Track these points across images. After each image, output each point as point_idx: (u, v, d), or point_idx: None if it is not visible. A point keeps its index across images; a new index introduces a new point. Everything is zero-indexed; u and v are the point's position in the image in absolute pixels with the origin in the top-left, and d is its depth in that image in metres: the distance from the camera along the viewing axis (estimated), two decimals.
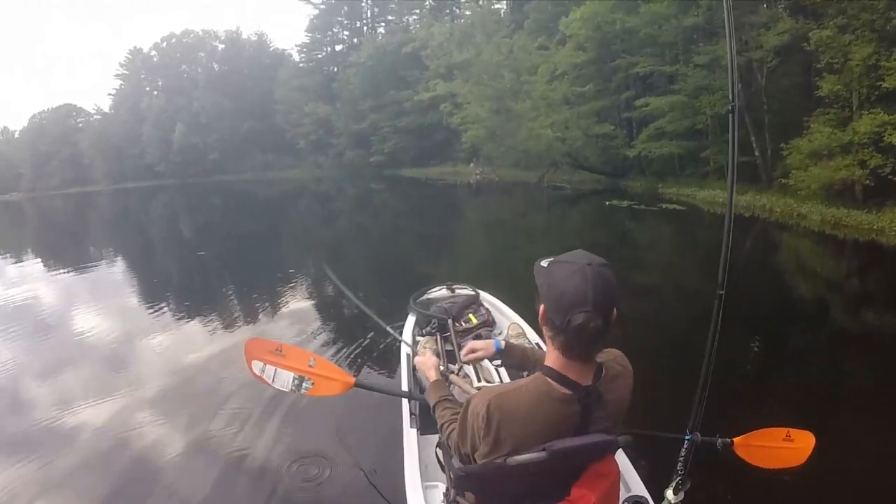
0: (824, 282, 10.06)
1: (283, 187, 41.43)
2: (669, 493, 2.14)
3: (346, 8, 57.53)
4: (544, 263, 1.68)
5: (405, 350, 3.85)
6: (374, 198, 29.56)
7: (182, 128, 59.22)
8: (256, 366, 2.58)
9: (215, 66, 65.48)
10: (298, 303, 8.94)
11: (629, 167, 26.31)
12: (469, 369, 3.09)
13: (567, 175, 27.93)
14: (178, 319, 8.24)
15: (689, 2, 19.81)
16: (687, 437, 2.25)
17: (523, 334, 4.01)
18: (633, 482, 2.42)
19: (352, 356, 6.02)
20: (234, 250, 14.95)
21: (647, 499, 2.22)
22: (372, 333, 6.33)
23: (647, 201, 19.26)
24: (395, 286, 9.73)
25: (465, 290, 4.76)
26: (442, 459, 2.25)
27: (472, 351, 2.46)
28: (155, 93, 67.76)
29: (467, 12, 36.95)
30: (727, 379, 2.19)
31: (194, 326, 7.83)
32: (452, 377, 2.77)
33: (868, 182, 13.96)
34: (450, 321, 4.07)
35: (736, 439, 2.51)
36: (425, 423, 2.81)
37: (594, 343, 1.60)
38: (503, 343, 2.47)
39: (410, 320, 4.34)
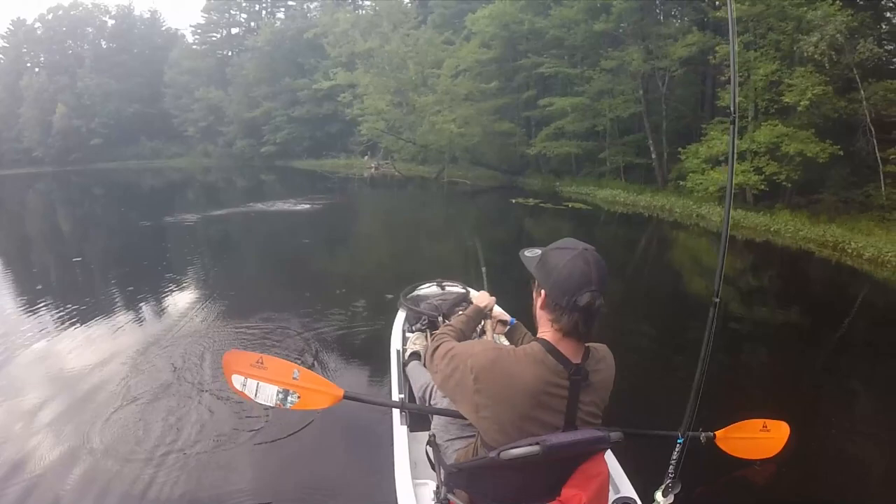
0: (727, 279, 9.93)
1: (170, 177, 37.13)
2: (659, 496, 2.13)
3: None
4: (529, 254, 1.86)
5: (395, 346, 3.71)
6: (265, 189, 27.23)
7: (63, 109, 51.50)
8: (237, 380, 2.43)
9: (103, 43, 58.47)
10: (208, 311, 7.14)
11: (526, 165, 26.06)
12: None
13: (463, 171, 27.27)
14: (56, 330, 6.24)
15: (600, 9, 19.53)
16: (679, 441, 2.22)
17: None
18: (622, 483, 2.36)
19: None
20: (118, 252, 12.04)
21: (635, 500, 2.19)
22: (342, 329, 5.85)
23: (553, 200, 18.77)
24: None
25: (455, 288, 4.55)
26: (432, 457, 2.22)
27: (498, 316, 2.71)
28: (36, 69, 58.88)
29: (368, 2, 35.68)
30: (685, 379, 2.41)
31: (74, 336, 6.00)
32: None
33: (763, 187, 14.25)
34: (440, 318, 3.83)
35: (718, 433, 2.55)
36: (415, 420, 2.81)
37: (594, 321, 1.65)
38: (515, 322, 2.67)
39: (400, 316, 4.16)
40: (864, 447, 3.93)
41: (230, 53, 53.24)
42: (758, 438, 2.68)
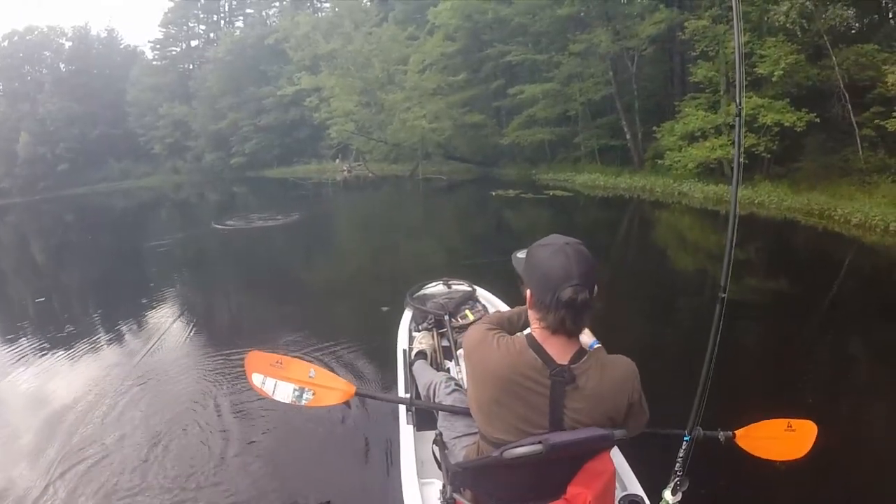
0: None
1: (141, 197, 35.05)
2: (667, 494, 2.04)
3: (202, 0, 52.58)
4: (520, 255, 1.87)
5: (401, 346, 3.70)
6: (237, 203, 26.34)
7: (27, 137, 49.06)
8: (256, 378, 2.51)
9: (62, 66, 55.89)
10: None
11: (500, 155, 25.71)
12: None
13: (437, 166, 26.93)
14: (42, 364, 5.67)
15: None
16: (686, 438, 2.14)
17: None
18: (629, 480, 2.33)
19: None
20: (95, 285, 10.78)
21: (642, 497, 2.16)
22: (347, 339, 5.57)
23: (532, 189, 18.44)
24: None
25: (461, 286, 4.50)
26: (438, 456, 2.24)
27: None
28: None
29: (326, 4, 34.99)
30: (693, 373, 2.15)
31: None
32: None
33: (743, 160, 14.09)
34: (446, 317, 3.81)
35: (738, 432, 2.41)
36: (422, 419, 2.79)
37: (582, 315, 1.60)
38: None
39: (407, 315, 4.12)
40: (889, 436, 3.70)
41: (191, 66, 51.87)
42: (782, 439, 2.49)
